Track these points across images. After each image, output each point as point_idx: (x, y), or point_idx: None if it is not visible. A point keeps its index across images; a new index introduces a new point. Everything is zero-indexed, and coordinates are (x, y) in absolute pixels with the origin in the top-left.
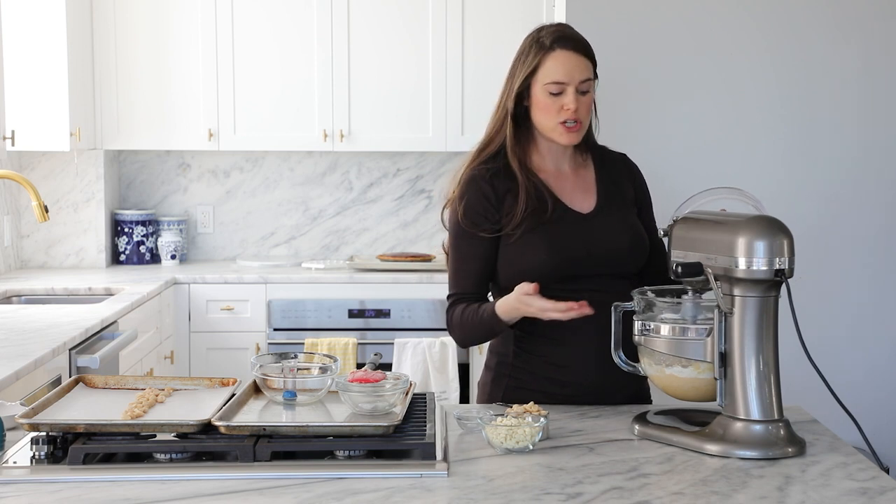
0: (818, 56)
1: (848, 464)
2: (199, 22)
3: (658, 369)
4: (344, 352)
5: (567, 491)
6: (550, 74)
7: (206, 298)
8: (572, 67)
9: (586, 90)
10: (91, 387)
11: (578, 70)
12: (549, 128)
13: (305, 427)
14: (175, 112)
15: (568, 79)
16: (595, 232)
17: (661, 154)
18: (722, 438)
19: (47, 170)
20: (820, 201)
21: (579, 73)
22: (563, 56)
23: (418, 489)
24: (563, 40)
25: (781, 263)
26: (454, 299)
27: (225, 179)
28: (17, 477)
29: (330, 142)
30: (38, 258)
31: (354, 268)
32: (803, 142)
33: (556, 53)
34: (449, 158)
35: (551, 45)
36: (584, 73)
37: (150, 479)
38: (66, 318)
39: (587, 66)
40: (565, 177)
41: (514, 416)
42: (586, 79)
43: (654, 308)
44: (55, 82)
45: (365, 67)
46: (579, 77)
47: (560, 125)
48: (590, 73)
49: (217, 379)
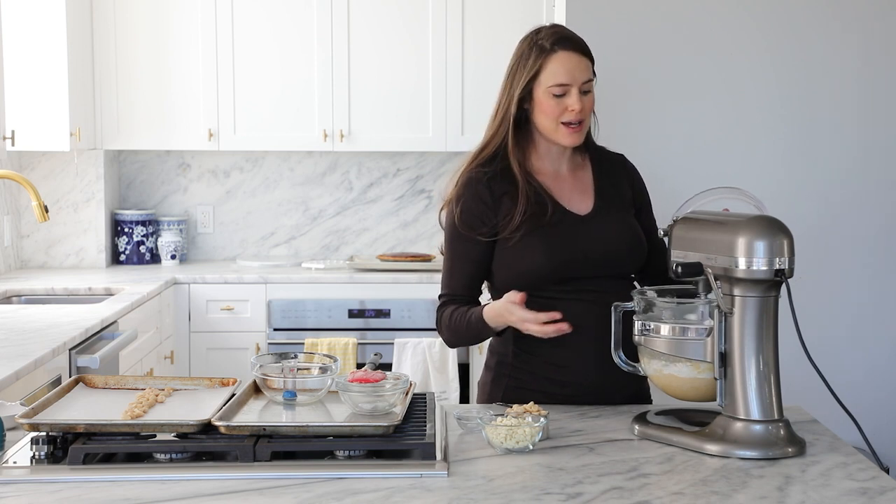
0: (818, 56)
1: (848, 464)
2: (199, 22)
3: (658, 369)
4: (344, 352)
5: (567, 491)
6: (553, 77)
7: (206, 298)
8: (573, 68)
9: (588, 90)
10: (91, 387)
11: (580, 70)
12: (552, 129)
13: (305, 427)
14: (175, 112)
15: (571, 80)
16: (593, 234)
17: (661, 154)
18: (722, 438)
19: (47, 170)
20: (820, 201)
21: (581, 74)
22: (565, 57)
23: (418, 489)
24: (563, 41)
25: (781, 263)
26: (445, 300)
27: (225, 179)
28: (17, 477)
29: (330, 142)
30: (38, 258)
31: (354, 268)
32: (803, 142)
33: (557, 55)
34: (449, 158)
35: (552, 47)
36: (586, 74)
37: (150, 479)
38: (66, 318)
39: (588, 65)
40: (563, 178)
41: (514, 416)
42: (588, 79)
43: (655, 308)
44: (55, 82)
45: (365, 67)
46: (582, 77)
47: (563, 126)
48: (591, 73)
49: (217, 379)
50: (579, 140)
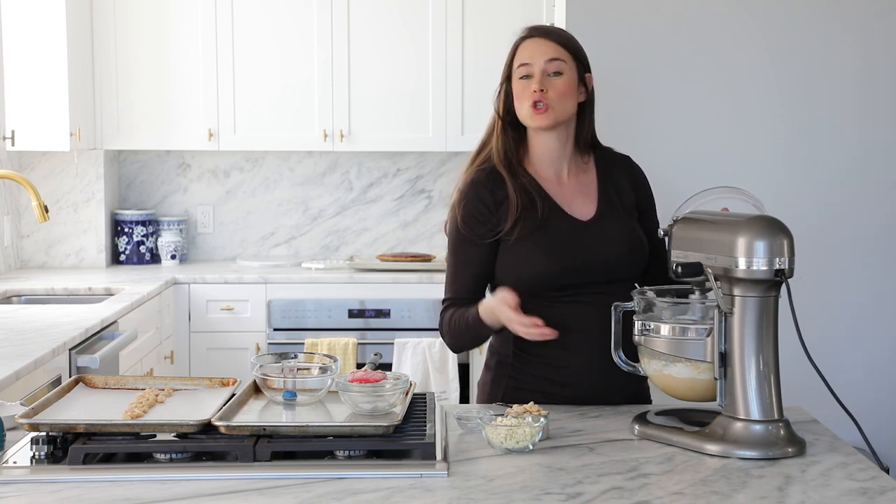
0: (818, 56)
1: (848, 464)
2: (199, 22)
3: (658, 369)
4: (344, 352)
5: (567, 491)
6: (517, 61)
7: (206, 298)
8: (535, 49)
9: (557, 71)
10: (91, 387)
11: (541, 51)
12: (524, 115)
13: (305, 427)
14: (175, 112)
15: (531, 59)
16: (594, 240)
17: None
18: (722, 438)
19: (47, 170)
20: (820, 201)
21: (542, 54)
22: (529, 42)
23: (418, 489)
24: (531, 29)
25: (781, 263)
26: (447, 304)
27: (225, 179)
28: (17, 477)
29: (330, 142)
30: (38, 258)
31: (354, 268)
32: (803, 142)
33: (524, 43)
34: (449, 158)
35: (521, 38)
36: (550, 54)
37: (150, 479)
38: (66, 318)
39: (555, 48)
40: (565, 182)
41: (514, 416)
42: (553, 58)
43: (655, 308)
44: (55, 82)
45: (365, 67)
46: (543, 57)
47: (531, 108)
48: (559, 55)
49: (217, 379)
50: (545, 122)
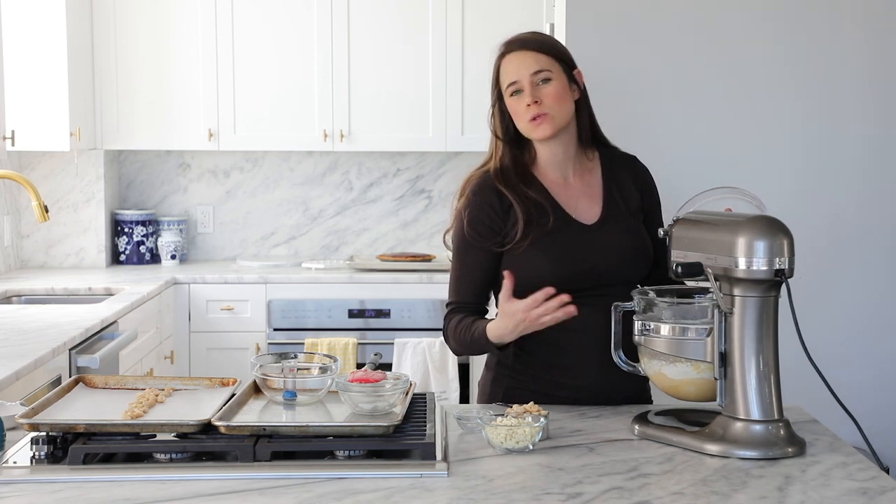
0: (824, 56)
1: (848, 464)
2: (199, 22)
3: (658, 369)
4: (344, 352)
5: (567, 491)
6: (505, 80)
7: (206, 298)
8: (519, 64)
9: (546, 78)
10: (91, 387)
11: (525, 65)
12: (525, 129)
13: (305, 427)
14: (175, 112)
15: (517, 76)
16: (598, 245)
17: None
18: (722, 438)
19: (47, 170)
20: (821, 201)
21: (527, 67)
22: (510, 58)
23: (418, 489)
24: (508, 45)
25: (781, 263)
26: (452, 308)
27: (225, 179)
28: (17, 477)
29: (330, 142)
30: (38, 258)
31: (354, 268)
32: (804, 141)
33: (504, 59)
34: (449, 158)
35: (501, 55)
36: (534, 66)
37: (150, 479)
38: (66, 318)
39: (536, 58)
40: (571, 185)
41: (514, 416)
42: (539, 70)
43: (655, 308)
44: (55, 82)
45: (365, 68)
46: (528, 70)
47: (530, 122)
48: (543, 64)
49: (217, 379)
50: (548, 131)
